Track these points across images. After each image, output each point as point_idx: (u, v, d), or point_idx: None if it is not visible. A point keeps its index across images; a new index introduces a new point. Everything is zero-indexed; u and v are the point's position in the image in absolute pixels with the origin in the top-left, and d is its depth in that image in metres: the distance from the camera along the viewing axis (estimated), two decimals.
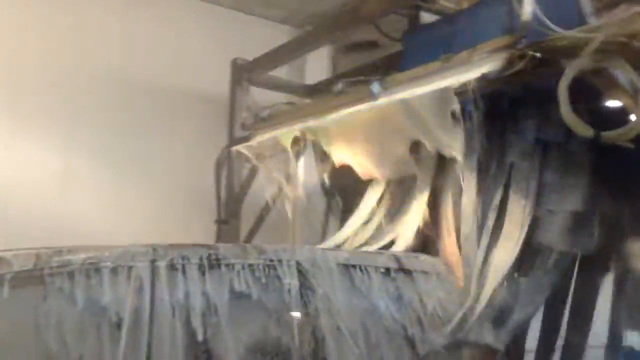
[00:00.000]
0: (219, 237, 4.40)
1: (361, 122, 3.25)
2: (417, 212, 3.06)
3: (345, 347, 2.11)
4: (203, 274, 2.06)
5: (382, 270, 2.43)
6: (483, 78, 2.56)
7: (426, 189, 3.03)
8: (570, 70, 2.25)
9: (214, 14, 5.29)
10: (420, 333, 2.33)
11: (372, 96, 3.09)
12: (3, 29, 4.31)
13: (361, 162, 3.45)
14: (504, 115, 2.72)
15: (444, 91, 2.72)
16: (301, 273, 2.20)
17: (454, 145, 2.75)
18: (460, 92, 2.63)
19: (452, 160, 2.86)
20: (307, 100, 4.80)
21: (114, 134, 4.66)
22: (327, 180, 3.78)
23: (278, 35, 5.17)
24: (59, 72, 4.48)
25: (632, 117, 2.24)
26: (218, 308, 2.01)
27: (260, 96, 4.62)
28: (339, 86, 3.33)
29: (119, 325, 1.91)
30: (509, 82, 2.59)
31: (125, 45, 4.79)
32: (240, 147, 4.28)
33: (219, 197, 4.49)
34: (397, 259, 2.55)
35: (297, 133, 3.68)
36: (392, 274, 2.44)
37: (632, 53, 2.20)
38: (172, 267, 2.04)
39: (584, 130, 2.26)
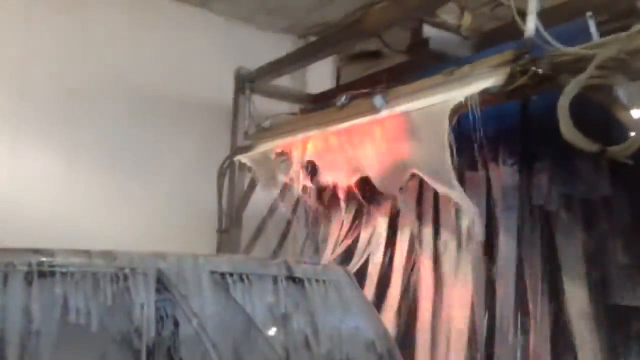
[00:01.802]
0: (220, 246, 4.41)
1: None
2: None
3: None
4: (29, 284, 1.68)
5: (268, 279, 2.08)
6: (485, 92, 2.58)
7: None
8: (572, 87, 2.25)
9: (218, 23, 5.31)
10: (304, 354, 2.00)
11: (375, 109, 3.10)
12: (8, 37, 4.33)
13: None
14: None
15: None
16: (161, 284, 1.84)
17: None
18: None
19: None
20: (311, 112, 4.80)
21: (117, 141, 4.67)
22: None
23: (282, 45, 5.19)
24: (63, 79, 4.50)
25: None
26: (42, 330, 1.64)
27: (264, 105, 4.63)
28: (342, 99, 3.34)
29: None
30: (511, 98, 2.60)
31: (130, 53, 4.81)
32: (242, 157, 4.29)
33: (220, 206, 4.48)
34: (287, 266, 2.20)
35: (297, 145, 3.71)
36: (280, 284, 2.09)
37: (633, 70, 2.21)
38: None
39: (587, 145, 2.24)
